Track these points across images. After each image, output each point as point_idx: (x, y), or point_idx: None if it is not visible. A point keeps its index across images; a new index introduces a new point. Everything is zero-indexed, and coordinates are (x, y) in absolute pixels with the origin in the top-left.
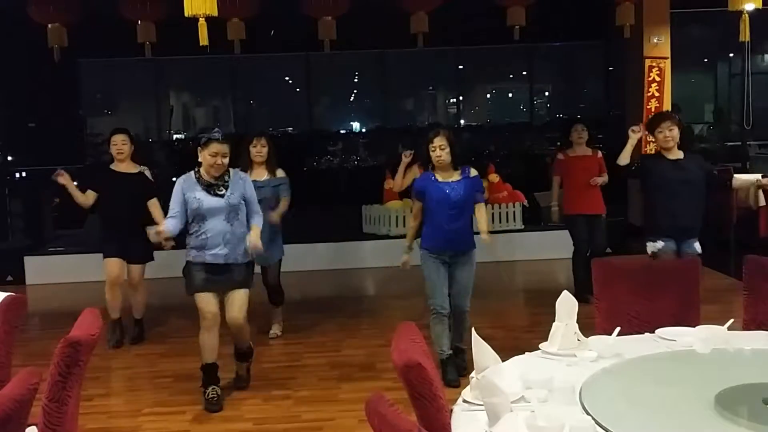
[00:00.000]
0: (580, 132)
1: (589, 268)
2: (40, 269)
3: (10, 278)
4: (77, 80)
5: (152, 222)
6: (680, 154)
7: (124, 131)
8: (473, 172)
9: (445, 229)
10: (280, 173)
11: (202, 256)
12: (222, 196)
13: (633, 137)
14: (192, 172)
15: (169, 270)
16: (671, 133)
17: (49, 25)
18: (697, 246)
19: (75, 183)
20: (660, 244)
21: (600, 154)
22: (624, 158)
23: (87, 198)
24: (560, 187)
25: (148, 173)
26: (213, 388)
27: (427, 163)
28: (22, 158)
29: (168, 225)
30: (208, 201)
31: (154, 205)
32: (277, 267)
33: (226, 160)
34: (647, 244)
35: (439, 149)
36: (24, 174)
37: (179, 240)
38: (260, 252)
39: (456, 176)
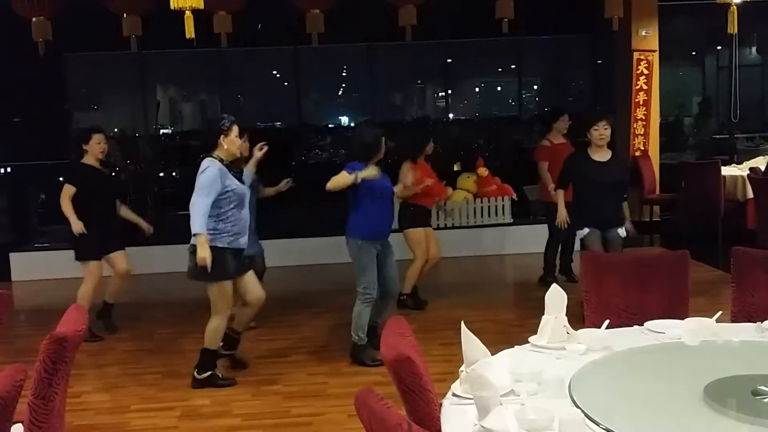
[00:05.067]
0: (566, 121)
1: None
2: (25, 265)
3: None
4: (62, 75)
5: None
6: (607, 155)
7: (102, 130)
8: None
9: (388, 219)
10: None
11: (237, 242)
12: (243, 184)
13: None
14: (216, 161)
15: (151, 266)
16: (606, 132)
17: (34, 19)
18: (621, 231)
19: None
20: (586, 230)
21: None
22: None
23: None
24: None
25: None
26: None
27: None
28: (7, 154)
29: (202, 229)
30: (241, 188)
31: (123, 203)
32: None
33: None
34: (576, 231)
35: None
36: (9, 170)
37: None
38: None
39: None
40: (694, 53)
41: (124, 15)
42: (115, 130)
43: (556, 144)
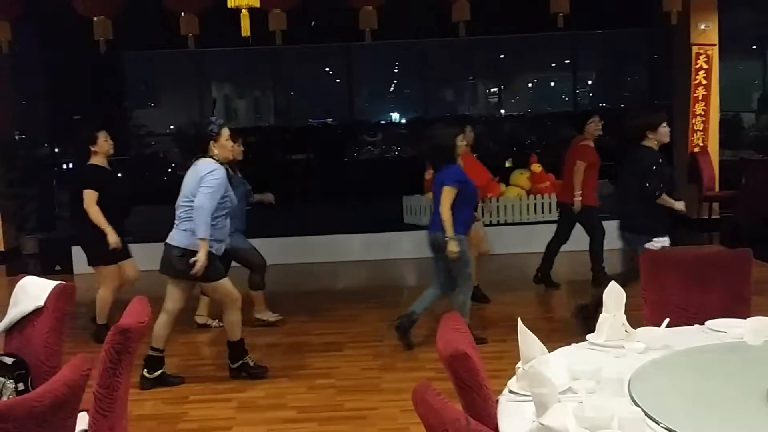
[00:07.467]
0: (598, 123)
1: None
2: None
3: (58, 267)
4: (122, 72)
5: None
6: None
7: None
8: None
9: (473, 214)
10: None
11: (219, 250)
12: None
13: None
14: (220, 165)
15: None
16: (668, 129)
17: (95, 18)
18: None
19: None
20: (667, 240)
21: None
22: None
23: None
24: None
25: None
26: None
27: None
28: (69, 150)
29: (208, 234)
30: (234, 197)
31: None
32: None
33: None
34: (652, 241)
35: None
36: (70, 165)
37: None
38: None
39: None
40: (754, 47)
41: (182, 14)
42: (171, 127)
43: (594, 147)
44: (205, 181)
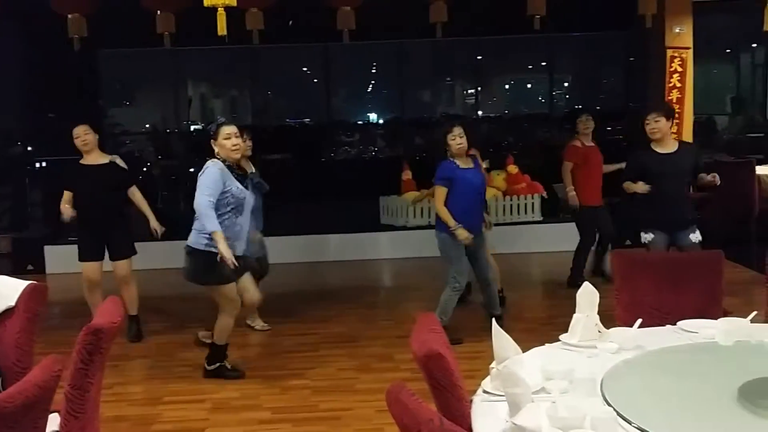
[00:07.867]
0: (585, 122)
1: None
2: (60, 258)
3: (30, 267)
4: (97, 70)
5: (127, 213)
6: (671, 146)
7: (84, 123)
8: (479, 162)
9: (473, 212)
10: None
11: (233, 248)
12: (247, 188)
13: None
14: (218, 161)
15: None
16: (657, 124)
17: (69, 16)
18: (694, 236)
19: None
20: (650, 236)
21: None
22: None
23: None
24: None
25: (119, 161)
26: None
27: (444, 151)
28: (42, 148)
29: (218, 227)
30: (241, 192)
31: (134, 193)
32: None
33: (240, 140)
34: (641, 234)
35: (459, 137)
36: (44, 164)
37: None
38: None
39: (470, 164)
40: (728, 51)
41: (158, 12)
42: (147, 126)
43: (587, 146)
44: (198, 180)
